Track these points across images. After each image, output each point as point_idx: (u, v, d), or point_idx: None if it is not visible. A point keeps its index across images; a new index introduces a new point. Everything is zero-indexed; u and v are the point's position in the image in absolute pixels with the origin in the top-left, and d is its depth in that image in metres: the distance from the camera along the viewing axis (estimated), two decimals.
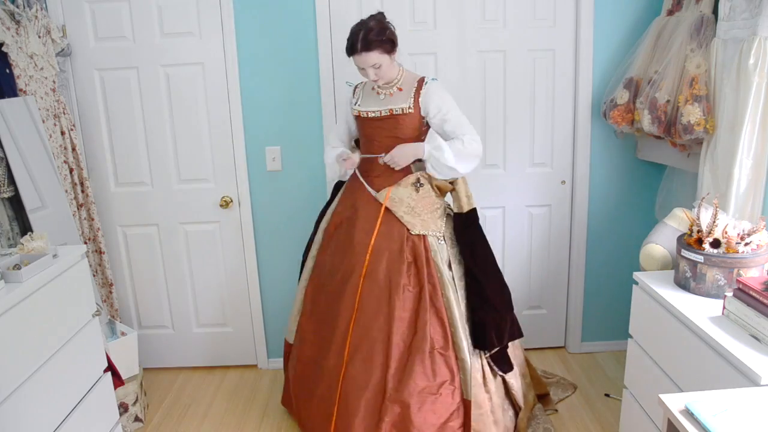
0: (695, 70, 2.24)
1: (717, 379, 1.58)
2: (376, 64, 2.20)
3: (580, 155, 2.95)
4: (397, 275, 2.26)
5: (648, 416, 1.97)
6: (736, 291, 1.69)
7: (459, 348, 2.24)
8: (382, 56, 2.20)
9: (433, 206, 2.38)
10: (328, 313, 2.36)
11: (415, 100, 2.31)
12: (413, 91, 2.32)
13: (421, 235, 2.32)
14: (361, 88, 2.47)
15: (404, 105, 2.31)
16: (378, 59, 2.19)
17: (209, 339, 3.19)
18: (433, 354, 2.20)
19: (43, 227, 2.29)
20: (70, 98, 2.83)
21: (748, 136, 2.03)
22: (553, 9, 2.81)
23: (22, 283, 1.75)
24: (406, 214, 2.33)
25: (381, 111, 2.34)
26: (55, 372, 1.86)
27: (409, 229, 2.31)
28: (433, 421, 2.15)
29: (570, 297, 3.16)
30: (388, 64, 2.24)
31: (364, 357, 2.22)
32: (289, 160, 2.93)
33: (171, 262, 3.07)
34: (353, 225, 2.38)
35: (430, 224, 2.35)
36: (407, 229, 2.31)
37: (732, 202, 2.08)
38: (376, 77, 2.26)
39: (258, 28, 2.78)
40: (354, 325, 2.26)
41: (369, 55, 2.17)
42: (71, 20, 2.76)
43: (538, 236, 3.09)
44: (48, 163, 2.46)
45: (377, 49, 2.17)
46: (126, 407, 2.62)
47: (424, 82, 2.33)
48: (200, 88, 2.85)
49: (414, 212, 2.33)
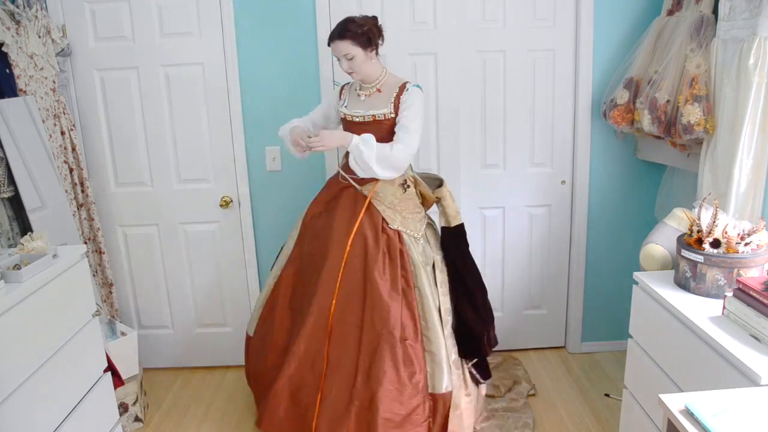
0: (695, 70, 2.24)
1: (717, 379, 1.58)
2: (348, 54, 2.26)
3: (580, 155, 2.95)
4: (372, 263, 2.29)
5: (648, 416, 1.97)
6: (736, 291, 1.69)
7: (429, 341, 2.27)
8: (354, 48, 2.25)
9: (415, 209, 2.41)
10: (305, 300, 2.37)
11: (395, 104, 2.33)
12: (394, 96, 2.34)
13: (396, 231, 2.34)
14: (347, 90, 2.49)
15: (386, 111, 2.35)
16: (349, 49, 2.25)
17: (209, 339, 3.19)
18: (404, 344, 2.23)
19: (43, 227, 2.29)
20: (70, 98, 2.83)
21: (748, 136, 2.03)
22: (553, 9, 2.81)
23: (22, 283, 1.75)
24: (388, 208, 2.35)
25: (365, 116, 2.37)
26: (55, 372, 1.86)
27: (388, 222, 2.33)
28: (398, 410, 2.17)
29: (570, 297, 3.16)
30: (362, 58, 2.28)
31: (341, 341, 2.27)
32: (289, 160, 2.92)
33: (171, 262, 3.07)
34: (333, 214, 2.40)
35: (409, 224, 2.37)
36: (386, 222, 2.34)
37: (732, 202, 2.08)
38: (350, 69, 2.31)
39: (258, 28, 2.79)
40: (334, 309, 2.28)
41: (341, 43, 2.25)
42: (71, 20, 2.76)
43: (538, 236, 3.09)
44: (48, 163, 2.46)
45: (350, 39, 2.24)
46: (126, 407, 2.62)
47: (405, 88, 2.34)
48: (200, 88, 2.85)
49: (395, 209, 2.36)
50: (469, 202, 3.01)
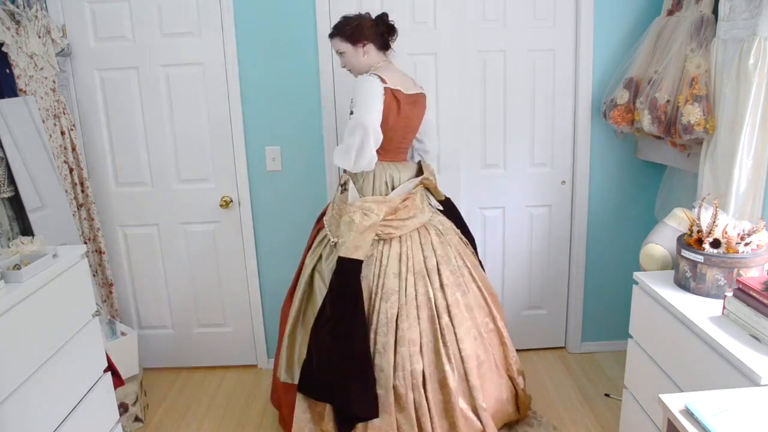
0: (695, 70, 2.24)
1: (717, 379, 1.58)
2: (339, 50, 2.35)
3: (580, 155, 2.95)
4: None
5: (648, 416, 1.97)
6: (736, 291, 1.69)
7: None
8: (342, 44, 2.32)
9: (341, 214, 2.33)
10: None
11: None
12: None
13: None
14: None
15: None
16: (338, 46, 2.33)
17: (209, 339, 3.19)
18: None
19: (43, 227, 2.29)
20: (70, 98, 2.83)
21: (748, 136, 2.03)
22: (553, 9, 2.81)
23: (22, 283, 1.75)
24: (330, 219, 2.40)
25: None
26: (55, 372, 1.86)
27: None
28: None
29: (570, 297, 3.17)
30: (351, 54, 2.33)
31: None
32: (289, 160, 2.93)
33: (171, 262, 3.07)
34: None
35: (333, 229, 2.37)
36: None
37: (732, 202, 2.08)
38: (342, 64, 2.39)
39: (258, 28, 2.79)
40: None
41: (332, 40, 2.35)
42: (71, 20, 2.76)
43: (538, 236, 3.09)
44: (48, 163, 2.46)
45: (339, 36, 2.32)
46: (126, 407, 2.62)
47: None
48: (200, 88, 2.85)
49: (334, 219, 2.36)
50: (470, 202, 3.01)
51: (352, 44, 2.30)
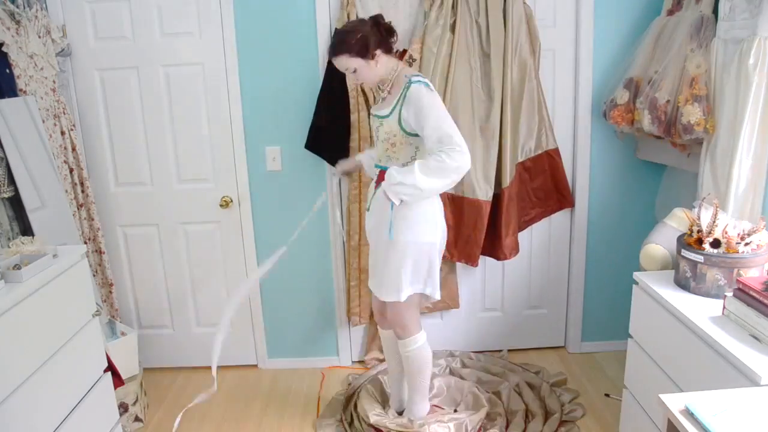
0: (695, 70, 2.24)
1: (717, 379, 1.58)
2: (349, 68, 2.16)
3: (580, 155, 2.95)
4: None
5: (648, 416, 1.97)
6: (736, 291, 1.69)
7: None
8: (352, 60, 2.12)
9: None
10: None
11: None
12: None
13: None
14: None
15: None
16: (348, 63, 2.13)
17: (209, 339, 3.16)
18: None
19: (43, 227, 2.29)
20: (70, 98, 2.83)
21: (747, 136, 2.03)
22: (553, 9, 2.81)
23: (22, 283, 1.75)
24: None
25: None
26: (55, 372, 1.86)
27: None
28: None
29: (570, 297, 3.16)
30: (364, 67, 2.14)
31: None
32: (289, 160, 2.93)
33: (171, 262, 3.07)
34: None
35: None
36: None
37: (731, 202, 2.08)
38: (356, 80, 2.23)
39: (258, 28, 2.78)
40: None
41: (337, 60, 2.15)
42: (71, 20, 2.76)
43: (538, 236, 3.09)
44: (48, 163, 2.46)
45: (345, 53, 2.12)
46: (126, 407, 2.62)
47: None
48: (200, 88, 2.85)
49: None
50: None
51: (363, 58, 2.12)
